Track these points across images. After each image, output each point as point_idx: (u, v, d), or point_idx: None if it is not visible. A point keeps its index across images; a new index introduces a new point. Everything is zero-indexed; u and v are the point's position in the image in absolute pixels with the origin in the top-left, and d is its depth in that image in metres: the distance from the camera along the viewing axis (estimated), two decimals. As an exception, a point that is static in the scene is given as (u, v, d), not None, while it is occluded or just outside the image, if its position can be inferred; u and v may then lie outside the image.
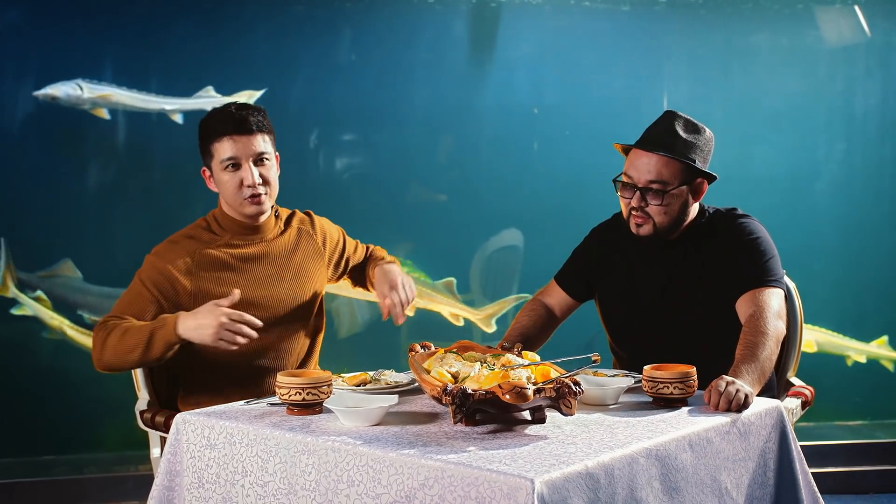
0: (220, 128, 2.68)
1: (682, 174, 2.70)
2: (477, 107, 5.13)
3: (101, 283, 4.68)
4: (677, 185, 2.70)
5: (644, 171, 2.70)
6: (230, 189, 2.69)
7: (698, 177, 2.73)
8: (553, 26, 5.16)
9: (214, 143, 2.68)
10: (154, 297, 2.63)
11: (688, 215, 2.78)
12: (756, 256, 2.72)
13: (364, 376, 2.49)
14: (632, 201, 2.73)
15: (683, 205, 2.73)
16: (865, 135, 5.33)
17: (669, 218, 2.72)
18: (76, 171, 4.78)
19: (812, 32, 5.28)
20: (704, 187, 2.76)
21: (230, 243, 2.74)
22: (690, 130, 2.73)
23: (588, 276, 2.97)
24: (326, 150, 5.08)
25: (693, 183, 2.73)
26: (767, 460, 2.28)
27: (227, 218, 2.76)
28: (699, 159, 2.72)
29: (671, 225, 2.75)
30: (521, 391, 1.98)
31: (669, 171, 2.69)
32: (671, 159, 2.69)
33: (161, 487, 2.24)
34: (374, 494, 1.91)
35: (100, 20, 4.69)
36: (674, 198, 2.70)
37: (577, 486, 1.79)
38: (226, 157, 2.67)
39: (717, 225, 2.81)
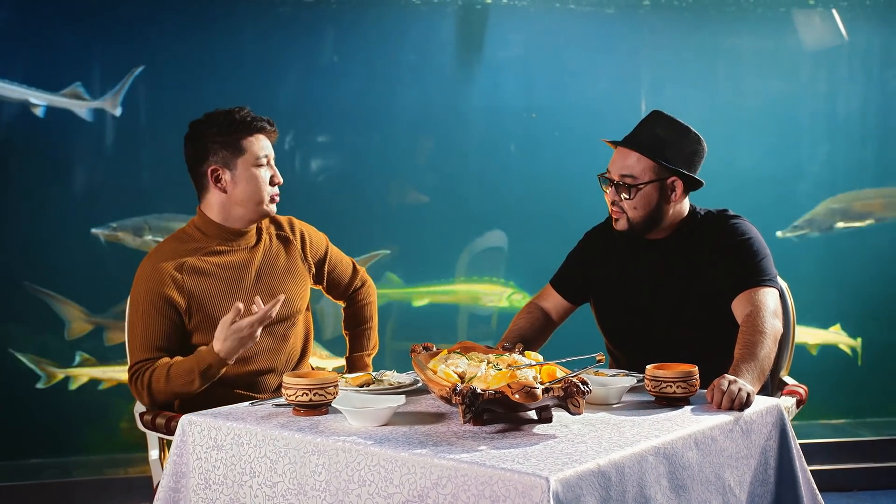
0: (253, 123, 2.70)
1: (652, 171, 2.75)
2: (463, 108, 5.14)
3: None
4: (647, 181, 2.75)
5: (619, 166, 2.78)
6: (261, 184, 2.70)
7: (671, 175, 2.76)
8: (538, 28, 5.19)
9: (248, 138, 2.69)
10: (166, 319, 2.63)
11: (665, 213, 2.79)
12: (750, 256, 2.76)
13: (367, 377, 2.50)
14: (608, 195, 2.81)
15: (656, 203, 2.77)
16: (847, 137, 5.40)
17: (641, 214, 2.77)
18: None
19: (794, 35, 5.34)
20: (680, 188, 2.78)
21: (215, 251, 2.73)
22: (670, 130, 2.77)
23: (583, 279, 3.00)
24: (313, 152, 5.08)
25: (665, 182, 2.76)
26: (768, 458, 2.31)
27: (212, 225, 2.74)
28: (676, 159, 2.75)
29: (645, 221, 2.78)
30: (531, 391, 1.99)
31: (640, 167, 2.75)
32: (642, 156, 2.75)
33: (167, 489, 2.24)
34: (386, 494, 1.92)
35: (85, 22, 4.66)
36: (642, 195, 2.75)
37: (590, 484, 1.81)
38: (263, 153, 2.70)
39: (708, 225, 2.84)
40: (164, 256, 2.69)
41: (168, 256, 2.69)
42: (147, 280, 2.66)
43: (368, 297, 3.09)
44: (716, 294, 2.76)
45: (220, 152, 2.69)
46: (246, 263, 2.76)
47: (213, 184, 2.71)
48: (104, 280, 4.66)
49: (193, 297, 2.66)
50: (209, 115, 2.73)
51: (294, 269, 2.85)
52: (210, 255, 2.72)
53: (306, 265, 2.88)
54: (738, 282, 2.74)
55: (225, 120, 2.69)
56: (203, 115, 2.75)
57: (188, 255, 2.70)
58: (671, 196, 2.78)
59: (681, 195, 2.79)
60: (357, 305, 3.07)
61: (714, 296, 2.77)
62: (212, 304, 2.68)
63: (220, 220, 2.74)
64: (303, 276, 2.87)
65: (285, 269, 2.83)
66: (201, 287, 2.68)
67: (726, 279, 2.75)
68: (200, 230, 2.75)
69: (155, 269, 2.66)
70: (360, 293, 3.07)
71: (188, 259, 2.69)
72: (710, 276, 2.78)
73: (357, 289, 3.06)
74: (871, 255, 5.35)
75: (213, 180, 2.71)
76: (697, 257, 2.80)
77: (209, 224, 2.74)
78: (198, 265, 2.69)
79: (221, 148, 2.68)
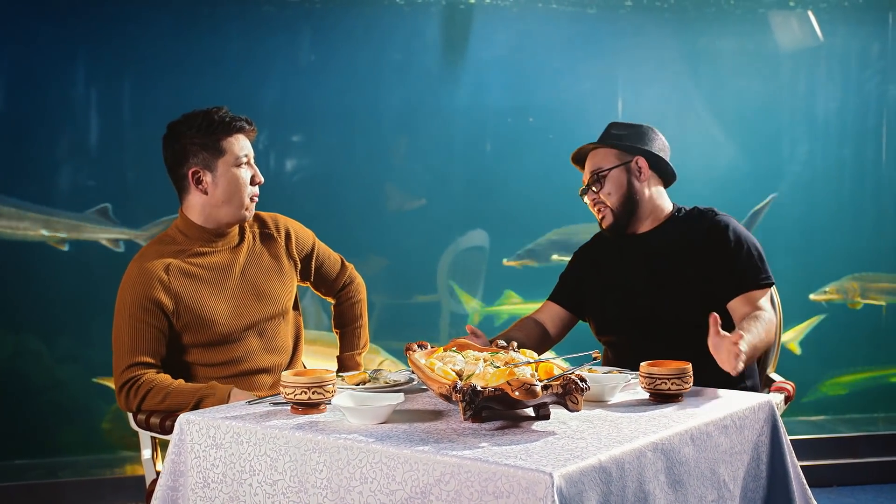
0: (232, 124, 2.68)
1: (614, 157, 2.93)
2: (447, 108, 5.16)
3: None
4: (611, 166, 2.91)
5: (587, 169, 2.98)
6: (242, 185, 2.69)
7: (633, 156, 2.91)
8: (522, 28, 5.22)
9: (228, 139, 2.67)
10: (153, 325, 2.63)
11: (640, 197, 2.92)
12: (743, 257, 2.82)
13: (363, 375, 2.50)
14: (587, 199, 2.96)
15: (627, 185, 2.91)
16: (826, 137, 5.46)
17: (617, 199, 2.91)
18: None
19: (772, 37, 5.40)
20: (644, 164, 2.92)
21: (198, 252, 2.72)
22: (626, 128, 2.96)
23: (578, 288, 3.05)
24: (296, 151, 5.08)
25: (630, 164, 2.91)
26: (760, 453, 2.34)
27: (194, 227, 2.73)
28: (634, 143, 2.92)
29: (623, 206, 2.91)
30: (531, 388, 2.01)
31: (601, 157, 2.95)
32: (599, 147, 2.96)
33: (165, 488, 2.23)
34: (389, 491, 1.93)
35: (70, 21, 4.63)
36: (611, 179, 2.91)
37: (592, 480, 1.83)
38: (242, 153, 2.69)
39: (694, 221, 2.92)
40: (149, 259, 2.68)
41: (153, 258, 2.68)
42: (134, 284, 2.64)
43: (358, 295, 3.09)
44: (705, 288, 2.81)
45: (199, 154, 2.67)
46: (230, 263, 2.76)
47: (193, 185, 2.70)
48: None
49: (181, 298, 2.66)
50: (187, 115, 2.71)
51: (279, 267, 2.85)
52: (194, 257, 2.72)
53: (291, 262, 2.88)
54: (735, 283, 2.79)
55: (204, 121, 2.67)
56: (181, 115, 2.73)
57: (172, 257, 2.69)
58: (639, 175, 2.91)
59: (648, 173, 2.92)
60: (346, 303, 3.07)
61: (706, 290, 2.81)
62: (198, 306, 2.68)
63: (202, 221, 2.73)
64: (289, 273, 2.87)
65: (270, 267, 2.83)
66: (188, 288, 2.67)
67: (721, 278, 2.80)
68: (182, 232, 2.74)
69: (142, 272, 2.65)
70: (348, 290, 3.07)
71: (173, 261, 2.68)
72: (698, 271, 2.83)
73: (346, 285, 3.06)
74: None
75: (194, 182, 2.69)
76: (684, 251, 2.86)
77: (191, 226, 2.73)
78: (183, 267, 2.69)
79: (201, 149, 2.67)
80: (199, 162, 2.68)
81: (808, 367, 5.33)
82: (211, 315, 2.69)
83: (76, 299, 4.64)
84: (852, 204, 5.48)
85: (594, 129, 3.08)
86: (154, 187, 4.75)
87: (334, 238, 3.08)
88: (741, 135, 5.41)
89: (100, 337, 4.40)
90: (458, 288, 5.26)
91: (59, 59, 4.61)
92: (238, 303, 2.74)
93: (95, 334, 4.59)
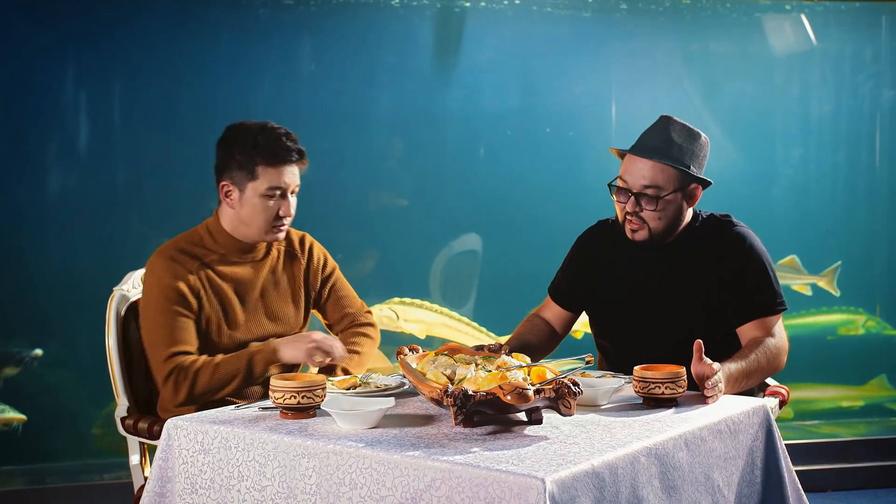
0: (277, 153, 2.62)
1: (676, 180, 2.71)
2: (440, 111, 5.14)
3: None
4: (672, 190, 2.71)
5: (639, 176, 2.70)
6: (264, 216, 2.65)
7: (692, 182, 2.75)
8: (516, 31, 5.20)
9: (265, 167, 2.62)
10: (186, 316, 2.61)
11: (682, 220, 2.79)
12: (760, 281, 2.74)
13: (354, 380, 2.48)
14: (626, 206, 2.74)
15: (678, 210, 2.75)
16: (820, 140, 5.45)
17: (664, 223, 2.74)
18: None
19: (767, 40, 5.39)
20: (699, 193, 2.78)
21: (224, 258, 2.71)
22: (685, 136, 2.74)
23: (578, 286, 2.97)
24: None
25: (687, 189, 2.75)
26: (755, 458, 2.32)
27: (224, 234, 2.71)
28: (694, 165, 2.74)
29: (666, 230, 2.76)
30: (523, 392, 1.99)
31: (664, 177, 2.70)
32: (666, 165, 2.69)
33: (152, 494, 2.21)
34: (379, 497, 1.90)
35: (60, 24, 4.61)
36: (668, 203, 2.72)
37: (585, 485, 1.81)
38: (274, 185, 2.64)
39: (712, 231, 2.82)
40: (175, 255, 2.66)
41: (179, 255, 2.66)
42: (161, 277, 2.62)
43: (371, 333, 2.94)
44: (719, 303, 2.75)
45: (235, 170, 2.65)
46: (251, 279, 2.74)
47: (223, 196, 2.69)
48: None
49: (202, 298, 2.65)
50: (244, 126, 2.67)
51: (296, 292, 2.82)
52: (218, 264, 2.70)
53: (307, 286, 2.85)
54: (749, 309, 2.72)
55: (251, 140, 2.63)
56: (241, 123, 2.68)
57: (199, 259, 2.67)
58: (690, 202, 2.78)
59: (697, 201, 2.80)
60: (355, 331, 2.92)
61: (716, 303, 2.75)
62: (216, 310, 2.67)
63: (230, 230, 2.72)
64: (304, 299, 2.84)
65: (287, 291, 2.81)
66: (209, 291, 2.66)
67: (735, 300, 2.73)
68: (212, 234, 2.72)
69: (169, 267, 2.63)
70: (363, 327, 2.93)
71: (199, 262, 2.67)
72: (712, 283, 2.76)
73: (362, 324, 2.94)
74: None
75: (224, 194, 2.68)
76: (699, 261, 2.78)
77: (220, 231, 2.72)
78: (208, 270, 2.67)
79: (238, 167, 2.64)
80: (232, 178, 2.66)
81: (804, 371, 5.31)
82: (225, 322, 2.68)
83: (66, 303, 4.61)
84: (846, 207, 5.47)
85: (589, 133, 3.04)
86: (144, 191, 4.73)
87: (327, 242, 3.05)
88: (735, 138, 5.39)
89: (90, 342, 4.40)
90: None
91: (49, 62, 4.57)
92: (251, 318, 2.73)
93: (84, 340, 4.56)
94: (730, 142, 5.39)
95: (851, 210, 5.47)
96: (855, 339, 5.44)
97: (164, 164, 4.72)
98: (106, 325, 2.83)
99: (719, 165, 5.32)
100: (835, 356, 5.44)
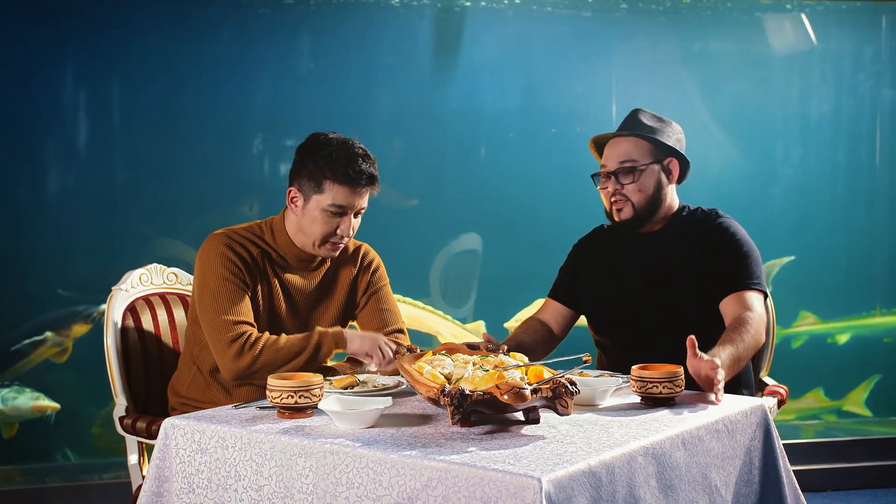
0: (347, 173, 2.60)
1: (650, 153, 2.85)
2: (440, 111, 5.14)
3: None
4: (648, 162, 2.83)
5: (615, 155, 2.85)
6: (321, 231, 2.65)
7: (668, 156, 2.85)
8: (515, 31, 5.20)
9: (332, 183, 2.61)
10: (245, 290, 2.61)
11: (664, 198, 2.87)
12: (741, 258, 2.79)
13: (351, 379, 2.48)
14: (609, 187, 2.85)
15: (657, 185, 2.85)
16: (820, 140, 5.45)
17: (645, 196, 2.83)
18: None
19: (768, 40, 5.39)
20: (675, 168, 2.87)
21: (281, 259, 2.71)
22: (655, 120, 2.89)
23: (578, 283, 3.01)
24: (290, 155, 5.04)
25: (663, 162, 2.85)
26: (753, 458, 2.31)
27: (285, 237, 2.71)
28: (669, 140, 2.85)
29: (648, 205, 2.84)
30: (520, 391, 1.99)
31: (638, 150, 2.84)
32: (638, 138, 2.83)
33: (149, 493, 2.20)
34: (375, 496, 1.90)
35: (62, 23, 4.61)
36: (646, 176, 2.83)
37: (581, 485, 1.80)
38: (337, 202, 2.62)
39: (698, 222, 2.89)
40: (239, 237, 2.67)
41: (240, 238, 2.67)
42: (222, 252, 2.62)
43: None
44: (704, 289, 2.79)
45: (304, 179, 2.64)
46: (302, 287, 2.74)
47: (288, 201, 2.69)
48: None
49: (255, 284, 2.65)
50: (327, 138, 2.66)
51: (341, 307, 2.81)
52: (274, 262, 2.70)
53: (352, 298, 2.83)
54: (729, 283, 2.76)
55: (326, 153, 2.62)
56: (326, 135, 2.67)
57: (259, 248, 2.68)
58: (669, 177, 2.86)
59: (676, 178, 2.88)
60: None
61: (702, 290, 2.79)
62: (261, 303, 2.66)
63: (291, 234, 2.71)
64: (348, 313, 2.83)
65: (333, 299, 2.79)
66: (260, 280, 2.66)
67: (716, 277, 2.78)
68: (273, 233, 2.72)
69: (229, 244, 2.64)
70: None
71: (259, 251, 2.67)
72: (698, 271, 2.81)
73: None
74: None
75: (289, 199, 2.69)
76: (686, 251, 2.83)
77: (282, 233, 2.71)
78: (264, 262, 2.68)
79: (308, 177, 2.64)
80: (300, 185, 2.66)
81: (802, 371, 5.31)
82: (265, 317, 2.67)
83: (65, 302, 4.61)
84: (846, 207, 5.47)
85: (589, 133, 3.04)
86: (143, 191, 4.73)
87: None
88: (735, 137, 5.39)
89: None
90: None
91: (49, 61, 4.57)
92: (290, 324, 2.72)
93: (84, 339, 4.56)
94: (730, 142, 5.38)
95: (851, 210, 5.47)
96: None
97: (164, 163, 4.72)
98: (105, 325, 2.83)
99: (719, 165, 5.33)
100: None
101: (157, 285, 3.01)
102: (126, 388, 2.79)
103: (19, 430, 4.51)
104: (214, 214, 4.74)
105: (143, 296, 2.95)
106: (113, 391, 2.79)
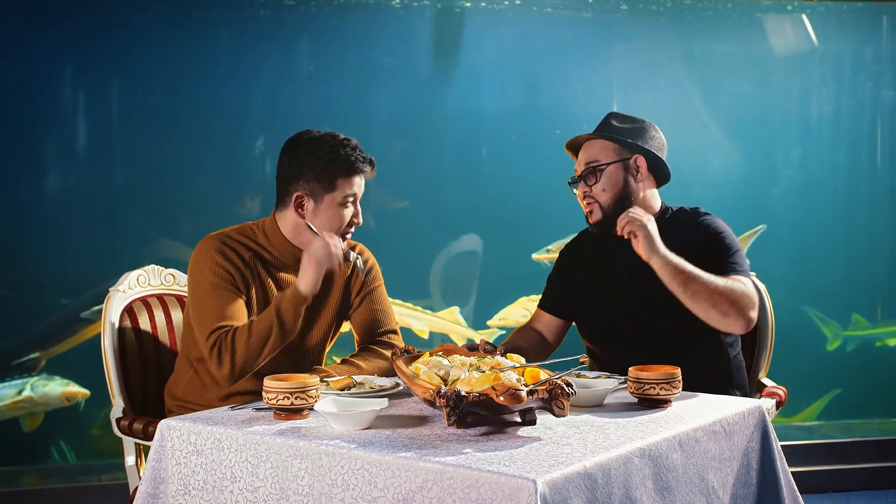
0: (356, 165, 2.64)
1: (613, 152, 2.85)
2: (439, 112, 5.14)
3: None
4: (610, 162, 2.84)
5: (582, 160, 2.89)
6: (338, 222, 2.66)
7: (633, 154, 2.85)
8: (515, 32, 5.20)
9: (344, 178, 2.63)
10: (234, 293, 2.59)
11: (634, 195, 2.85)
12: (724, 250, 2.79)
13: (348, 380, 2.47)
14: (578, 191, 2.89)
15: (623, 183, 2.85)
16: (820, 140, 5.45)
17: (610, 196, 2.84)
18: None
19: (768, 40, 5.38)
20: (643, 166, 2.86)
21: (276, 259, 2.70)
22: (626, 120, 2.89)
23: (565, 291, 3.00)
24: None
25: (628, 161, 2.85)
26: (750, 460, 2.31)
27: (280, 238, 2.70)
28: (635, 139, 2.85)
29: (614, 204, 2.83)
30: (516, 393, 1.98)
31: (602, 151, 2.86)
32: (599, 139, 2.86)
33: (145, 495, 2.20)
34: (371, 498, 1.90)
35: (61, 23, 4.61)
36: (608, 175, 2.84)
37: (577, 487, 1.80)
38: (351, 192, 2.65)
39: (680, 220, 2.88)
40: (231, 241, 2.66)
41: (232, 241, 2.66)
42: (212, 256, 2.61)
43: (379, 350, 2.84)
44: None
45: (311, 182, 2.64)
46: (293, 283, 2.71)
47: (293, 206, 2.67)
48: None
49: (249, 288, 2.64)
50: (315, 138, 2.66)
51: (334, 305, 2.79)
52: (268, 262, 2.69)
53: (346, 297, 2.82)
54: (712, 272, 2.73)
55: (330, 153, 2.63)
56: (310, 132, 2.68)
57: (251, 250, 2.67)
58: (636, 175, 2.85)
59: (646, 173, 2.86)
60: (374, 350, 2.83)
61: None
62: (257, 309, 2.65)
63: (291, 236, 2.70)
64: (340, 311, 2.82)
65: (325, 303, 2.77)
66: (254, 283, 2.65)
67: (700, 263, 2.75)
68: (267, 235, 2.71)
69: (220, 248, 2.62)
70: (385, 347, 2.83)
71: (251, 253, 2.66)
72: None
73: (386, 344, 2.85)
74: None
75: (295, 204, 2.66)
76: (673, 250, 2.80)
77: (277, 235, 2.70)
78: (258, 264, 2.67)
79: (315, 179, 2.63)
80: (307, 189, 2.65)
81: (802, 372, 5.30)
82: None
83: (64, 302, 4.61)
84: (847, 207, 5.46)
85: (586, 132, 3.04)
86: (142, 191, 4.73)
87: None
88: (736, 138, 5.39)
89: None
90: None
91: (48, 62, 4.58)
92: None
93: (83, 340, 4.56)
94: (730, 142, 5.38)
95: (851, 210, 5.46)
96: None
97: (164, 164, 4.72)
98: (102, 326, 2.83)
99: (720, 166, 5.33)
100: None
101: (155, 286, 3.01)
102: (123, 389, 2.78)
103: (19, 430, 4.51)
104: (214, 215, 4.74)
105: (140, 297, 2.94)
106: (110, 392, 2.79)
